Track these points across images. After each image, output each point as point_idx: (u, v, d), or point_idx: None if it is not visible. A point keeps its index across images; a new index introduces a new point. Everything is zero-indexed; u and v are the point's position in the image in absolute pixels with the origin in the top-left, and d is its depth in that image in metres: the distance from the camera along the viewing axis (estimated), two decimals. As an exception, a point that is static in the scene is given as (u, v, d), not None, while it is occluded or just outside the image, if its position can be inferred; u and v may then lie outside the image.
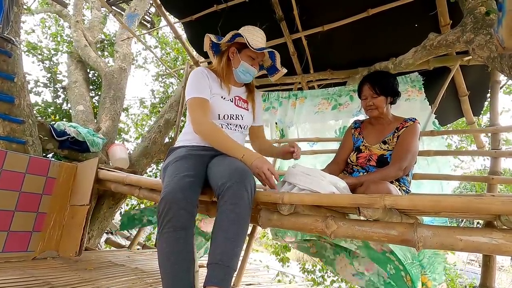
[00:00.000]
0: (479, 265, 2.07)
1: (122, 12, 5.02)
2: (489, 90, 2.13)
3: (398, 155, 1.44)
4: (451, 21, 1.96)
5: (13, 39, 2.06)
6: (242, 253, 1.44)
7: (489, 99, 2.18)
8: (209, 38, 1.47)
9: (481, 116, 4.01)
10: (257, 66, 1.47)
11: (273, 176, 1.20)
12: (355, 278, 1.52)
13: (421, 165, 2.04)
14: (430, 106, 2.10)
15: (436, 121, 2.07)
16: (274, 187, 1.23)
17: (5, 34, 1.97)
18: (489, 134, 2.51)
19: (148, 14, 5.60)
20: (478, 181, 3.38)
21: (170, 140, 4.05)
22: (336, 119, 2.50)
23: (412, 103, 2.16)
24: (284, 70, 1.54)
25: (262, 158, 1.22)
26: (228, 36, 1.42)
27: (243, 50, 1.42)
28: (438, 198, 0.82)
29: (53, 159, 2.63)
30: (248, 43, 1.36)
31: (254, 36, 1.42)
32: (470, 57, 2.01)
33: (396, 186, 1.41)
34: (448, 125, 3.32)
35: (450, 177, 1.96)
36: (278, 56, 1.47)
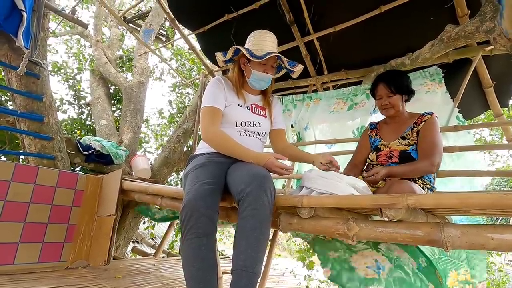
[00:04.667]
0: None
1: (139, 29, 5.22)
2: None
3: (426, 150, 1.40)
4: (469, 12, 1.88)
5: (40, 62, 2.20)
6: (265, 258, 1.43)
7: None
8: (220, 55, 1.47)
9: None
10: (271, 70, 1.42)
11: (285, 169, 1.24)
12: (369, 270, 1.42)
13: (446, 162, 1.95)
14: (452, 100, 2.02)
15: (460, 115, 1.98)
16: (291, 171, 1.29)
17: (33, 58, 2.10)
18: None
19: (163, 28, 5.79)
20: (509, 176, 3.18)
21: (189, 149, 4.14)
22: (353, 119, 2.44)
23: (433, 96, 2.07)
24: (300, 67, 1.47)
25: (270, 159, 1.24)
26: (230, 53, 1.42)
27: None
28: (465, 195, 0.79)
29: (81, 172, 2.75)
30: (249, 55, 1.35)
31: (260, 41, 1.40)
32: (492, 46, 1.92)
33: (420, 185, 1.36)
34: (480, 117, 3.15)
35: (478, 173, 1.85)
36: (285, 60, 1.41)
